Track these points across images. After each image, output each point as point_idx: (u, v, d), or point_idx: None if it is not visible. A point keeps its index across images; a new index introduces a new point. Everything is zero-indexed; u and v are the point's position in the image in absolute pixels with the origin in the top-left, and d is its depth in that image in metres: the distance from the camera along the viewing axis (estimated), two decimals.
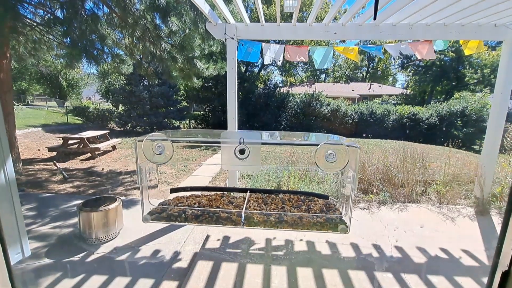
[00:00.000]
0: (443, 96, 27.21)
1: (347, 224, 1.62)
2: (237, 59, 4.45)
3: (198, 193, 1.95)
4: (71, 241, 3.26)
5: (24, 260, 2.88)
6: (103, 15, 5.76)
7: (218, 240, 3.28)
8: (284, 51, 4.50)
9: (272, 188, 4.90)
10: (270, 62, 4.38)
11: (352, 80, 41.31)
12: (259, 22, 4.23)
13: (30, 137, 11.47)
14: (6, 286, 0.52)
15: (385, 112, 17.48)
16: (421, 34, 3.67)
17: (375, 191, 4.65)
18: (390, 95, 30.05)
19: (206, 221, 1.59)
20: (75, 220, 3.74)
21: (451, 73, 26.80)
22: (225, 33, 4.27)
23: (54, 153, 8.33)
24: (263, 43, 4.50)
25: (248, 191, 1.92)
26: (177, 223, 1.62)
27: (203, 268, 2.73)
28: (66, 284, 2.54)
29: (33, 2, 5.51)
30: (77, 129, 14.19)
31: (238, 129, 4.41)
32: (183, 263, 2.87)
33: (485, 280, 2.62)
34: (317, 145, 1.47)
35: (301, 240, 3.30)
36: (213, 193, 1.97)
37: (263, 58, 4.67)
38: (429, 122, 16.64)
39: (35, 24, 6.04)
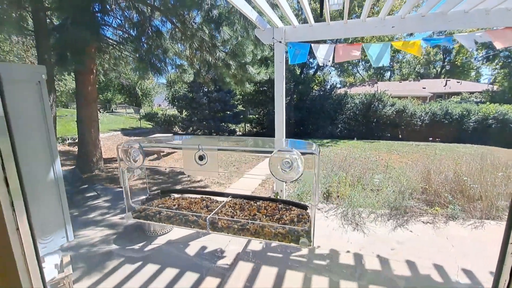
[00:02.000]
0: None
1: (311, 239, 1.45)
2: (286, 63, 4.44)
3: (188, 195, 2.09)
4: (134, 231, 3.71)
5: (94, 244, 3.41)
6: (167, 31, 6.46)
7: (261, 243, 3.30)
8: (334, 51, 4.30)
9: (321, 194, 4.69)
10: (321, 64, 4.23)
11: (423, 76, 36.73)
12: (308, 23, 4.15)
13: (112, 139, 13.51)
14: (37, 277, 0.62)
15: (464, 112, 15.01)
16: (501, 20, 3.05)
17: (442, 203, 4.03)
18: (472, 92, 25.66)
19: (176, 222, 1.67)
20: None
21: None
22: (273, 37, 4.30)
23: None
24: (312, 44, 4.38)
25: (230, 197, 1.94)
26: (152, 222, 1.74)
27: (243, 269, 2.78)
28: (127, 268, 2.90)
29: (113, 25, 6.52)
30: (147, 132, 16.13)
31: (291, 133, 4.38)
32: (226, 262, 2.97)
33: None
34: (271, 152, 1.36)
35: (348, 252, 3.07)
36: (199, 196, 2.03)
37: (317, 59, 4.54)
38: None
39: (115, 43, 7.13)
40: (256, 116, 20.04)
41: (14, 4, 4.49)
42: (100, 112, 22.26)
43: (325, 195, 4.71)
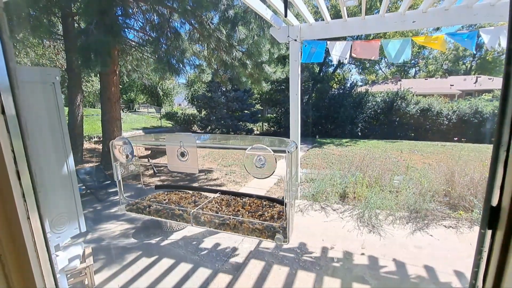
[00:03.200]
0: None
1: (287, 235, 1.45)
2: (301, 62, 4.39)
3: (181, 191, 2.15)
4: (152, 226, 3.85)
5: (115, 237, 3.58)
6: (185, 32, 6.62)
7: (272, 242, 3.30)
8: (351, 48, 4.19)
9: (337, 194, 4.61)
10: (336, 62, 4.15)
11: (451, 73, 34.77)
12: (324, 20, 4.08)
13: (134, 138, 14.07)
14: (47, 269, 0.68)
15: (496, 111, 14.03)
16: None
17: (467, 207, 3.81)
18: None
19: (164, 216, 1.75)
20: None
21: None
22: (288, 36, 4.27)
23: (149, 152, 9.98)
24: (328, 42, 4.30)
25: (218, 193, 2.00)
26: (142, 215, 1.84)
27: (255, 267, 2.80)
28: (144, 262, 3.02)
29: (135, 27, 6.78)
30: (168, 131, 16.61)
31: (308, 133, 4.34)
32: (238, 259, 3.01)
33: None
34: (245, 149, 1.37)
35: (362, 254, 3.00)
36: (191, 192, 2.08)
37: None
38: None
39: (137, 45, 7.42)
40: (274, 115, 19.98)
41: (45, 10, 4.82)
42: (124, 111, 23.25)
43: (341, 196, 4.62)
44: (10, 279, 0.62)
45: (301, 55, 4.36)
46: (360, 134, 16.55)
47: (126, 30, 6.26)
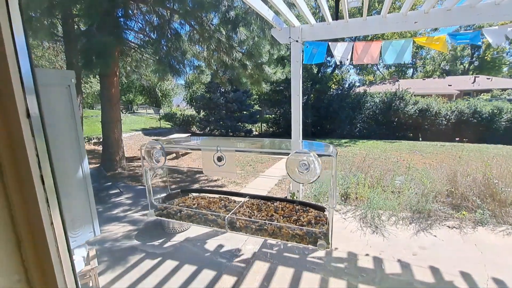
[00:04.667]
0: None
1: (329, 241, 1.42)
2: (303, 62, 4.39)
3: (208, 195, 2.11)
4: (154, 228, 3.83)
5: (117, 239, 3.56)
6: (185, 33, 6.61)
7: (277, 242, 3.29)
8: (352, 49, 4.20)
9: (339, 195, 4.61)
10: (339, 63, 4.16)
11: (449, 73, 34.95)
12: (325, 21, 4.09)
13: (133, 139, 14.02)
14: (69, 272, 0.67)
15: (495, 111, 14.13)
16: None
17: (470, 207, 3.83)
18: (504, 89, 24.06)
19: (196, 221, 1.71)
20: None
21: None
22: (290, 37, 4.28)
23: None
24: (330, 43, 4.31)
25: (247, 197, 1.95)
26: (173, 220, 1.79)
27: (260, 268, 2.79)
28: (147, 263, 3.00)
29: (135, 29, 6.76)
30: (167, 132, 16.57)
31: (307, 133, 4.33)
32: (242, 261, 3.00)
33: None
34: (288, 154, 1.34)
35: (367, 255, 3.00)
36: (217, 196, 2.05)
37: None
38: None
39: (137, 46, 7.40)
40: (273, 116, 19.99)
41: (46, 12, 4.80)
42: (123, 113, 23.17)
43: (343, 197, 4.62)
44: (33, 284, 0.61)
45: (302, 56, 4.37)
46: (358, 134, 16.60)
47: (126, 31, 6.25)
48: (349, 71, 30.04)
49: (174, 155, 9.58)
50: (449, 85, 26.54)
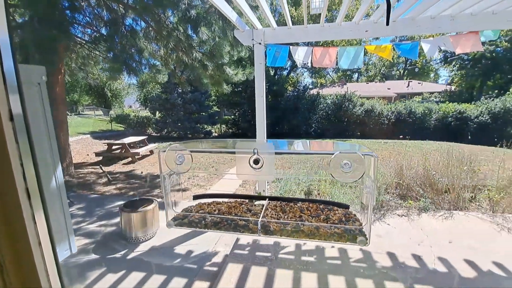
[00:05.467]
0: (496, 91, 24.49)
1: (367, 236, 1.53)
2: (265, 64, 4.49)
3: (219, 200, 2.00)
4: (114, 239, 3.53)
5: (73, 255, 3.20)
6: (141, 30, 6.22)
7: (248, 243, 3.31)
8: (312, 53, 4.44)
9: (302, 192, 4.82)
10: (300, 66, 4.34)
11: (387, 78, 39.12)
12: (287, 25, 4.24)
13: (81, 143, 12.69)
14: (55, 280, 0.59)
15: (426, 111, 16.24)
16: (465, 25, 3.36)
17: (414, 196, 4.33)
18: (432, 93, 27.86)
19: (224, 228, 1.62)
20: (118, 219, 4.04)
21: (506, 65, 24.06)
22: (253, 39, 4.34)
23: (100, 158, 9.12)
24: (291, 46, 4.48)
25: (267, 199, 1.90)
26: (198, 229, 1.67)
27: (233, 270, 2.77)
28: (110, 278, 2.75)
29: (82, 23, 6.13)
30: (119, 135, 15.37)
31: (267, 133, 4.41)
32: (214, 265, 2.94)
33: None
34: (332, 154, 1.43)
35: (332, 247, 3.19)
36: (233, 200, 1.98)
37: (292, 61, 4.65)
38: (478, 120, 15.11)
39: (84, 42, 6.72)
40: (232, 117, 19.97)
41: None
42: (68, 114, 20.78)
43: (306, 194, 4.84)
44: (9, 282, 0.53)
45: (265, 58, 4.46)
46: (314, 134, 17.55)
47: (71, 26, 5.62)
48: (303, 74, 31.54)
49: (130, 159, 8.94)
50: (388, 89, 29.68)
